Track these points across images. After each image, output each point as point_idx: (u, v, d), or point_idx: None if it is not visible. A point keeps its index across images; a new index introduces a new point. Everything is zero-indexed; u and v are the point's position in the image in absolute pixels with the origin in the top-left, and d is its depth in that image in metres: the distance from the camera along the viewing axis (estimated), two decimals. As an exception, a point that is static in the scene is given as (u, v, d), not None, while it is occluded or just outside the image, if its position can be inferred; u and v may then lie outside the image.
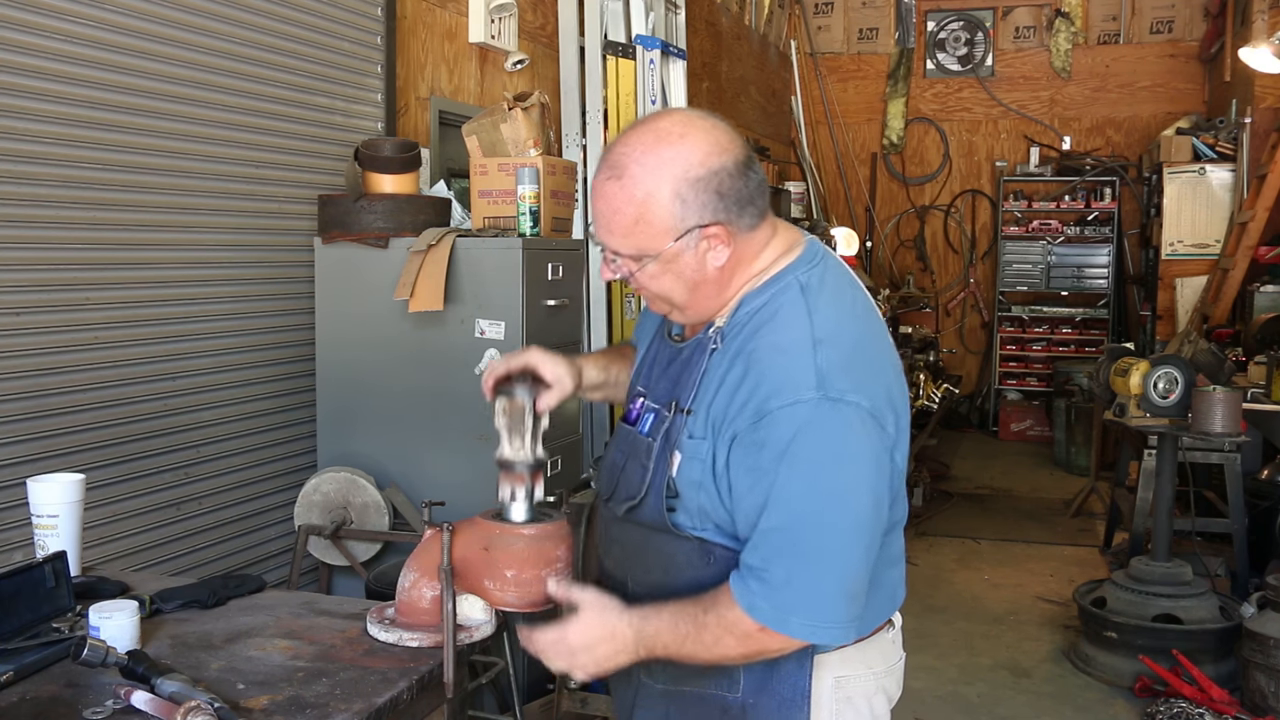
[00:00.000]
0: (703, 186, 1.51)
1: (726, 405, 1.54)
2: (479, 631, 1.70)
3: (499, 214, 3.43)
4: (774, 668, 1.60)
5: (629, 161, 1.52)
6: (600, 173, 1.56)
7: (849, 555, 1.51)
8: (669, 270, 1.56)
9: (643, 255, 1.55)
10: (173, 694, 1.46)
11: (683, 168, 1.51)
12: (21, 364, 2.58)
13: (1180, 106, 9.13)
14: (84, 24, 2.70)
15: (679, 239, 1.53)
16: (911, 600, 1.83)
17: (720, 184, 1.52)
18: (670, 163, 1.51)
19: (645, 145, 1.52)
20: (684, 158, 1.51)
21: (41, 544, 1.91)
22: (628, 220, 1.53)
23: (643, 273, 1.58)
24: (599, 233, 1.59)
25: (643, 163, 1.51)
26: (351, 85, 3.65)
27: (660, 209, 1.51)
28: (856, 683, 1.67)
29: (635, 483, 1.64)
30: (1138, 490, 5.16)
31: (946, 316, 10.00)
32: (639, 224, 1.53)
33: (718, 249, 1.55)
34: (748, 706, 1.62)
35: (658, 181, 1.51)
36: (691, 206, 1.51)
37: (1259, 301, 6.74)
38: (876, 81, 10.01)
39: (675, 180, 1.50)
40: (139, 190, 2.88)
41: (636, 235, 1.54)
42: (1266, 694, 3.79)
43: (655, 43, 5.02)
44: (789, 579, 1.48)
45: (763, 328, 1.56)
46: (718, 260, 1.56)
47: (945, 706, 4.13)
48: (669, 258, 1.55)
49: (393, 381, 3.29)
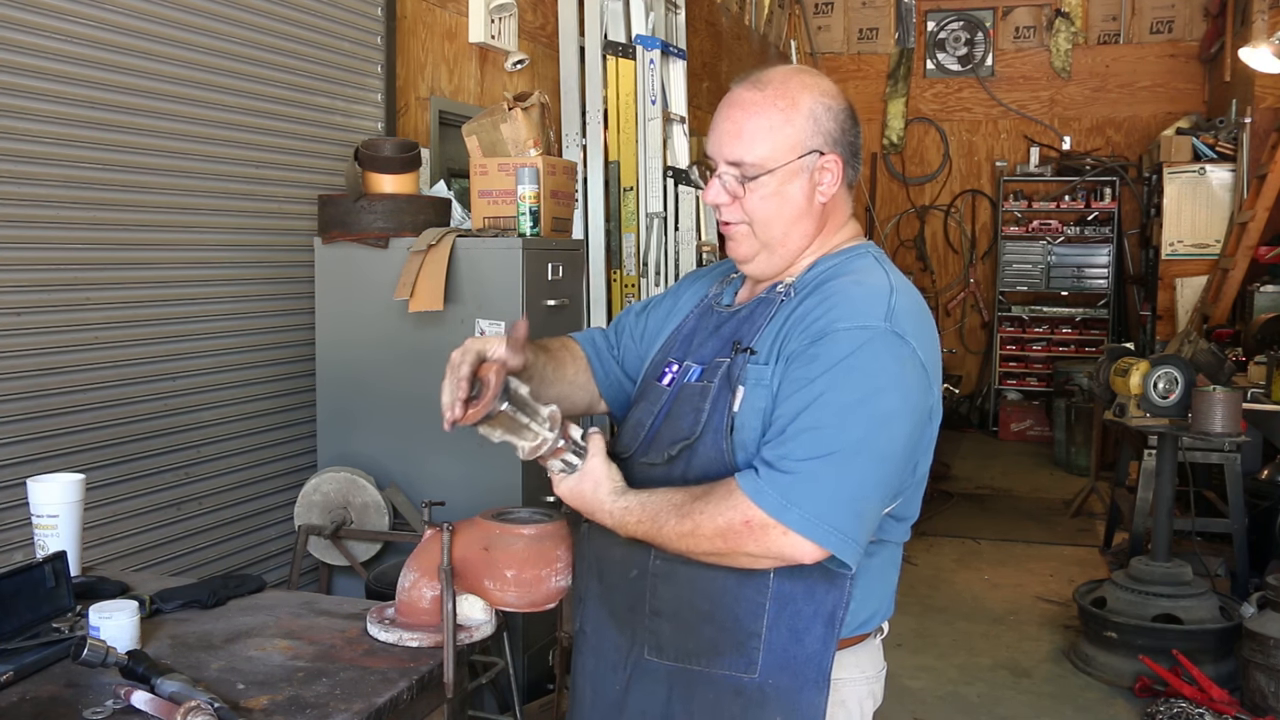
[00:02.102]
0: (833, 116, 1.63)
1: (795, 330, 1.57)
2: (479, 631, 1.70)
3: (499, 214, 3.43)
4: (798, 643, 1.57)
5: (772, 77, 1.63)
6: (736, 89, 1.64)
7: (871, 477, 1.50)
8: (781, 191, 1.62)
9: (762, 169, 1.61)
10: (173, 694, 1.46)
11: (821, 93, 1.63)
12: (21, 364, 2.58)
13: (1180, 106, 9.13)
14: (84, 24, 2.70)
15: (803, 156, 1.61)
16: (911, 600, 1.83)
17: (845, 121, 1.64)
18: (811, 87, 1.63)
19: (787, 72, 1.65)
20: (822, 87, 1.64)
21: (41, 544, 1.91)
22: (763, 126, 1.60)
23: (754, 190, 1.62)
24: (722, 145, 1.63)
25: (787, 80, 1.63)
26: (351, 85, 3.65)
27: (796, 120, 1.60)
28: (850, 686, 1.66)
29: (686, 425, 1.62)
30: (1138, 490, 5.16)
31: (946, 316, 10.01)
32: (772, 131, 1.60)
33: (829, 180, 1.63)
34: (766, 688, 1.58)
35: (800, 95, 1.61)
36: (822, 127, 1.61)
37: (1259, 301, 6.74)
38: (876, 81, 10.01)
39: (814, 100, 1.62)
40: (139, 190, 2.88)
41: (767, 142, 1.60)
42: (1266, 694, 3.79)
43: (655, 43, 5.02)
44: (806, 473, 1.47)
45: (841, 275, 1.62)
46: (826, 192, 1.64)
47: (945, 706, 4.13)
48: (787, 175, 1.61)
49: (393, 381, 3.29)
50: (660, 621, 1.64)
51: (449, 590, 1.63)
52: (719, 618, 1.59)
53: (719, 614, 1.59)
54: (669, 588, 1.63)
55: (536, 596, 1.67)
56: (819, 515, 1.47)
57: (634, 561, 1.66)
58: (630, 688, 1.68)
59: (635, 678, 1.67)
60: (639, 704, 1.67)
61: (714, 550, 1.52)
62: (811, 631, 1.57)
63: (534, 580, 1.66)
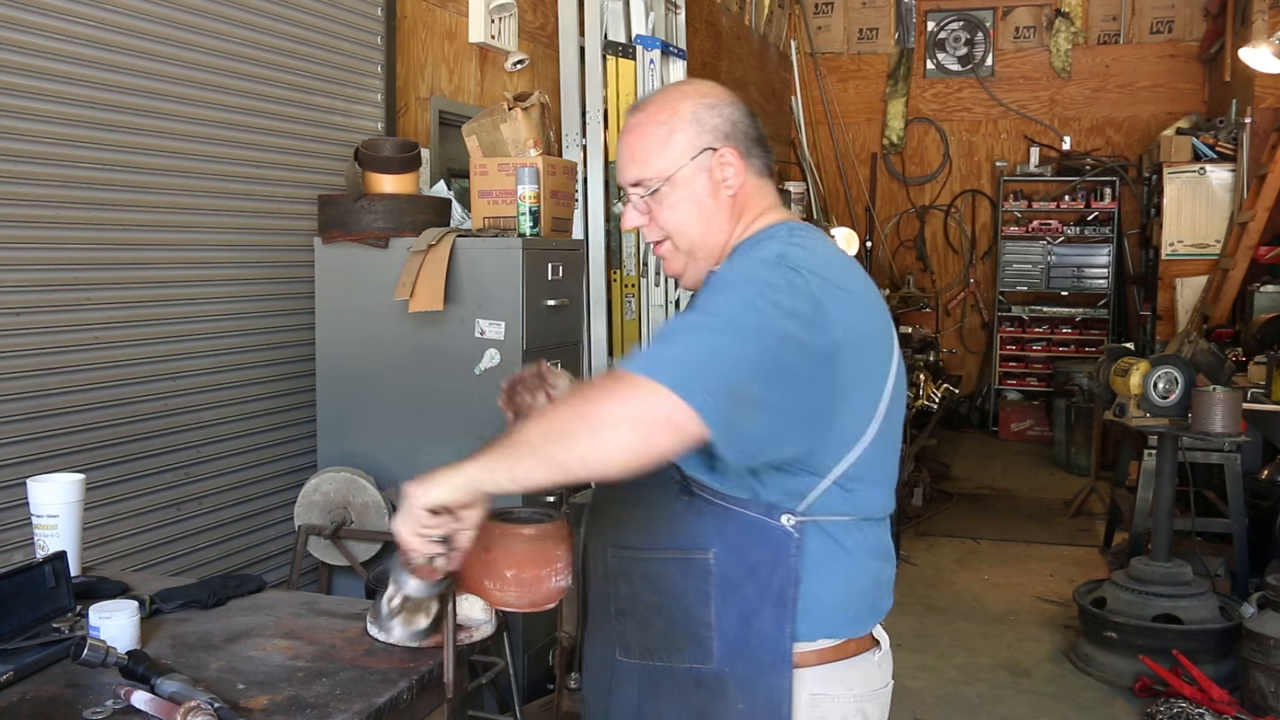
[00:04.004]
0: (717, 113, 1.68)
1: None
2: (479, 631, 1.70)
3: (499, 214, 3.43)
4: (749, 627, 1.57)
5: (653, 97, 1.73)
6: (627, 119, 1.73)
7: (745, 354, 1.44)
8: (686, 196, 1.67)
9: (661, 179, 1.66)
10: (173, 694, 1.46)
11: (700, 95, 1.70)
12: (21, 364, 2.58)
13: (1180, 106, 9.13)
14: (84, 24, 2.70)
15: (695, 157, 1.66)
16: (911, 600, 1.82)
17: (733, 115, 1.69)
18: (690, 94, 1.70)
19: (665, 89, 1.76)
20: (701, 90, 1.71)
21: (41, 544, 1.91)
22: (652, 142, 1.67)
23: (661, 203, 1.67)
24: (624, 171, 1.71)
25: (666, 95, 1.72)
26: (351, 85, 3.65)
27: (680, 126, 1.66)
28: (833, 703, 1.63)
29: None
30: (1138, 490, 5.16)
31: (946, 316, 10.00)
32: (661, 143, 1.66)
33: (729, 172, 1.67)
34: (724, 677, 1.59)
35: (679, 103, 1.68)
36: (707, 125, 1.67)
37: (1259, 301, 6.74)
38: (876, 81, 10.01)
39: (694, 104, 1.68)
40: (139, 190, 2.88)
41: (659, 154, 1.66)
42: (1266, 694, 3.79)
43: (655, 43, 5.02)
44: (676, 341, 1.45)
45: (745, 251, 1.66)
46: (732, 185, 1.68)
47: (945, 706, 4.13)
48: (687, 179, 1.66)
49: (393, 381, 3.29)
50: (625, 620, 1.68)
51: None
52: (670, 610, 1.62)
53: (669, 606, 1.62)
54: (625, 585, 1.67)
55: (536, 596, 1.67)
56: (686, 371, 1.40)
57: (600, 561, 1.70)
58: (611, 690, 1.71)
59: (614, 680, 1.71)
60: (620, 707, 1.70)
61: (590, 422, 1.42)
62: (761, 614, 1.57)
63: (534, 580, 1.66)
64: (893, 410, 1.63)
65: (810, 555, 1.59)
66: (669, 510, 1.62)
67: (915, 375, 6.87)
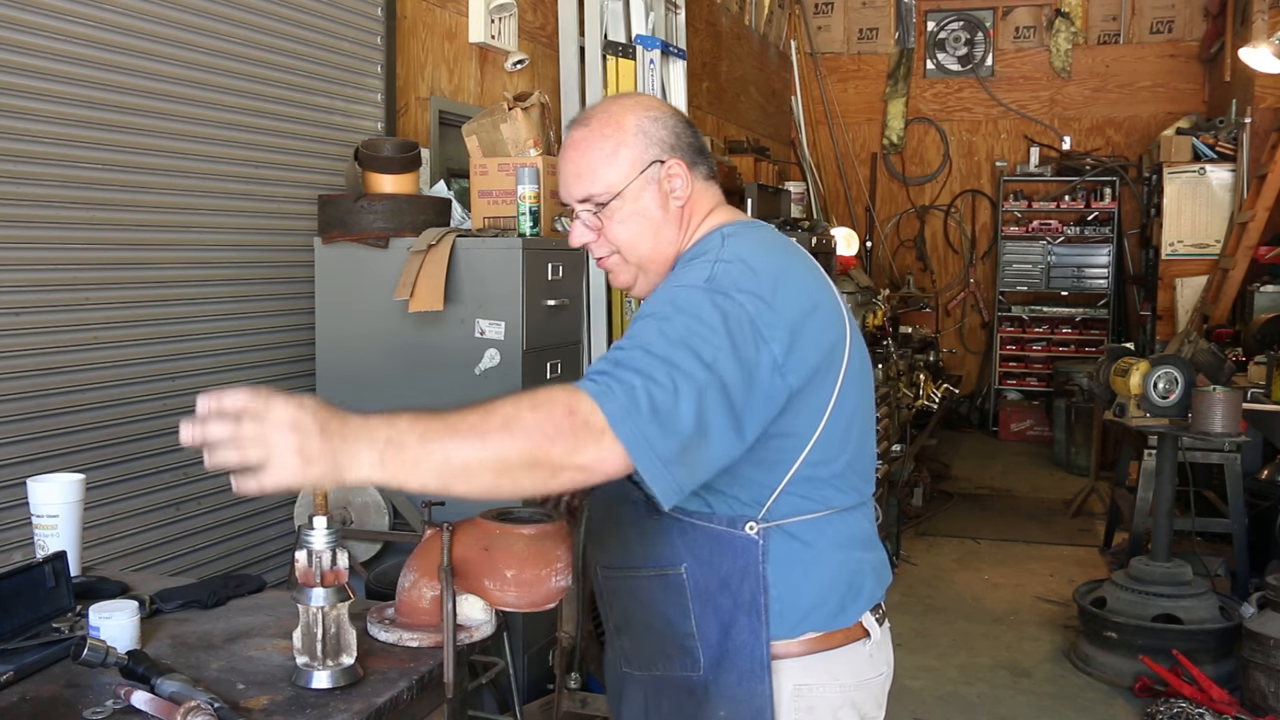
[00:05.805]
0: (661, 125, 1.67)
1: None
2: (479, 631, 1.70)
3: (499, 214, 3.43)
4: (727, 637, 1.60)
5: (595, 111, 1.69)
6: (568, 133, 1.70)
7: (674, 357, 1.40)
8: (635, 212, 1.66)
9: (611, 194, 1.64)
10: (173, 694, 1.46)
11: (644, 108, 1.69)
12: (21, 364, 2.58)
13: (1180, 106, 9.13)
14: (84, 24, 2.70)
15: (644, 170, 1.65)
16: (911, 600, 1.81)
17: (676, 126, 1.68)
18: (632, 107, 1.69)
19: (607, 102, 1.72)
20: (644, 103, 1.70)
21: (41, 544, 1.91)
22: (599, 156, 1.65)
23: (611, 217, 1.66)
24: (570, 187, 1.68)
25: (608, 109, 1.69)
26: (351, 85, 3.65)
27: (627, 140, 1.65)
28: (819, 692, 1.64)
29: None
30: (1138, 490, 5.16)
31: (946, 316, 10.00)
32: (609, 157, 1.65)
33: (678, 183, 1.67)
34: (710, 685, 1.63)
35: (623, 117, 1.66)
36: (654, 138, 1.66)
37: (1259, 301, 6.74)
38: (876, 81, 10.01)
39: (638, 117, 1.66)
40: (139, 190, 2.88)
41: (609, 168, 1.65)
42: (1266, 694, 3.79)
43: (655, 43, 5.02)
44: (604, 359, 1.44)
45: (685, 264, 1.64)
46: (680, 196, 1.67)
47: (945, 706, 4.13)
48: (636, 192, 1.65)
49: (393, 381, 3.29)
50: (621, 636, 1.75)
51: (449, 590, 1.62)
52: (656, 624, 1.67)
53: (655, 621, 1.67)
54: (617, 603, 1.73)
55: (536, 596, 1.67)
56: (607, 382, 1.38)
57: (595, 580, 1.75)
58: (622, 698, 1.77)
59: (625, 690, 1.77)
60: (630, 715, 1.76)
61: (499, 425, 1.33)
62: (737, 623, 1.60)
63: (534, 580, 1.66)
64: (850, 389, 1.60)
65: (777, 559, 1.60)
66: (641, 529, 1.66)
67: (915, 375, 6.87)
